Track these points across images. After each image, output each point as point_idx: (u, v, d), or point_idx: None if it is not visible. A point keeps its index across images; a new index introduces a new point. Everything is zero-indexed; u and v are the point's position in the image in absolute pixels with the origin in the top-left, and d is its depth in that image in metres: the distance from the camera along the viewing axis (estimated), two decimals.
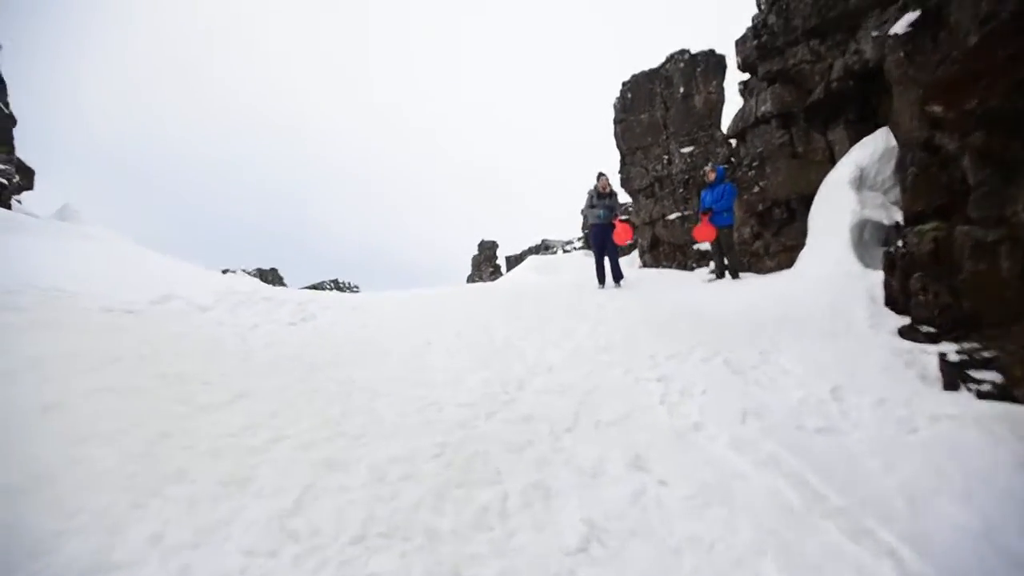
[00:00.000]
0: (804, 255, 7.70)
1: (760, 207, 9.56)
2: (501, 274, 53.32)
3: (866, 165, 7.00)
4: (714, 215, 8.58)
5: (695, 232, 8.84)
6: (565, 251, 43.54)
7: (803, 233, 9.21)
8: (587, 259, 20.68)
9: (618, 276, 8.61)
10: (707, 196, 8.72)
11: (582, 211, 8.89)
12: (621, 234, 8.54)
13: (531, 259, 19.92)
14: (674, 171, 13.67)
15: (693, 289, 8.04)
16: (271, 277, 66.01)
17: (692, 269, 12.72)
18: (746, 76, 10.73)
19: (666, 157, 14.03)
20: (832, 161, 8.92)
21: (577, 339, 5.73)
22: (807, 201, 9.21)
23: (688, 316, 6.33)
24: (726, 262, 8.74)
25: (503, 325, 6.33)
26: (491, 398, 3.76)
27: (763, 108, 9.55)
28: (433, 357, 4.84)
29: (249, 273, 61.84)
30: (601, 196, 8.64)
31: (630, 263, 17.21)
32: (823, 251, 7.01)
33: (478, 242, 58.47)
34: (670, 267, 13.89)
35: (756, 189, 9.54)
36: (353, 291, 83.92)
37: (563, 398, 3.94)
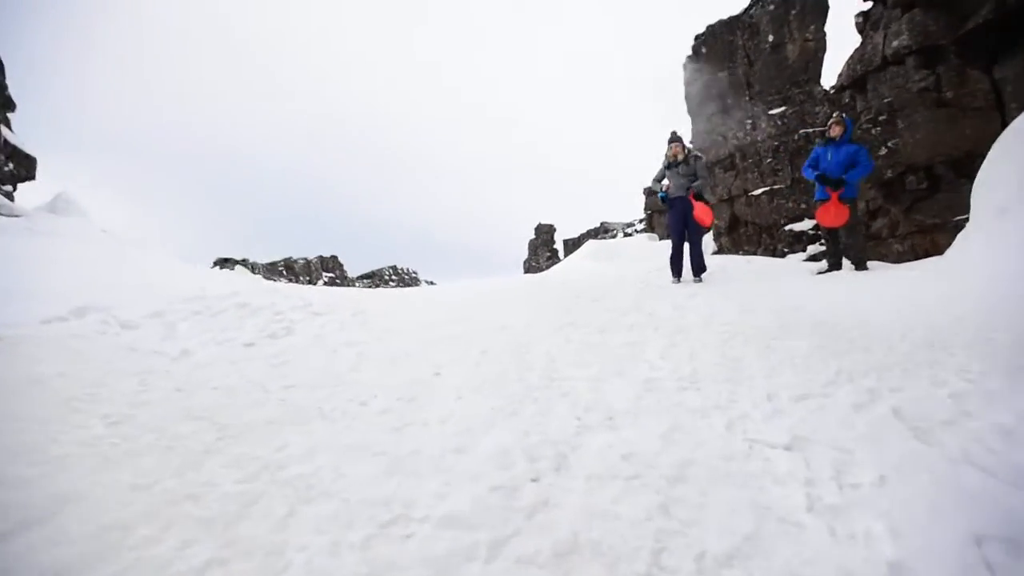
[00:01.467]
0: (967, 239, 5.53)
1: (888, 174, 7.32)
2: (558, 259, 51.58)
3: None
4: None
5: (819, 214, 6.67)
6: (626, 234, 41.14)
7: (950, 208, 6.96)
8: (651, 244, 18.52)
9: (700, 267, 6.73)
10: (827, 159, 6.60)
11: (649, 186, 7.00)
12: (702, 214, 6.65)
13: (589, 244, 18.05)
14: (760, 137, 11.39)
15: (801, 284, 6.04)
16: (332, 264, 67.60)
17: (784, 255, 10.52)
18: (866, 5, 8.39)
19: (750, 121, 11.75)
20: (1000, 108, 6.58)
21: (650, 362, 4.01)
22: (959, 164, 6.92)
23: (809, 326, 4.44)
24: (843, 247, 6.64)
25: (547, 338, 4.69)
26: (507, 497, 2.15)
27: (895, 43, 7.26)
28: (435, 401, 3.27)
29: (310, 261, 63.28)
30: (674, 164, 6.75)
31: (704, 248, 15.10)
32: (1011, 235, 4.86)
33: (535, 225, 56.88)
34: (754, 252, 11.69)
35: (883, 151, 7.30)
36: (412, 277, 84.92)
37: (632, 492, 2.27)
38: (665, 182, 6.78)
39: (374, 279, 77.43)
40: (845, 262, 6.58)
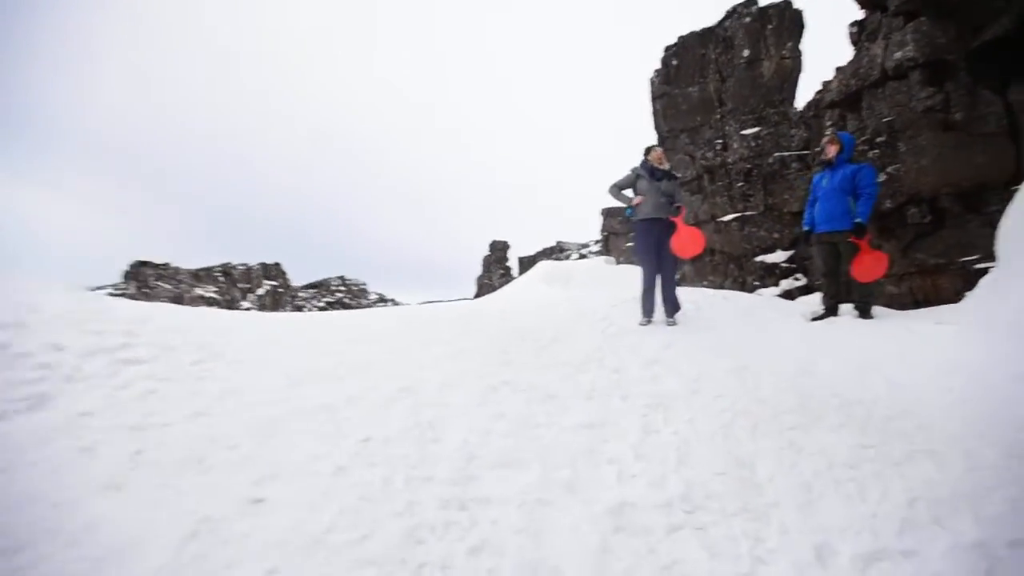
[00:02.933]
0: (998, 288, 4.47)
1: (886, 204, 6.31)
2: (512, 276, 50.35)
3: None
4: (831, 216, 5.33)
5: (857, 267, 5.09)
6: (581, 255, 40.35)
7: (957, 247, 5.98)
8: (608, 268, 17.42)
9: (675, 306, 5.42)
10: (823, 185, 5.47)
11: (614, 190, 5.59)
12: (689, 241, 5.35)
13: (542, 265, 16.76)
14: (731, 159, 10.43)
15: (800, 334, 4.83)
16: (274, 272, 63.97)
17: (753, 289, 9.50)
18: (860, 14, 7.51)
19: (720, 141, 10.81)
20: (1015, 135, 5.67)
21: (618, 465, 2.61)
22: (967, 198, 5.97)
23: (836, 406, 3.16)
24: (845, 289, 5.50)
25: (469, 412, 3.22)
26: None
27: (898, 54, 6.32)
28: None
29: (251, 267, 59.46)
30: (655, 173, 5.42)
31: None
32: None
33: (490, 242, 55.61)
34: (720, 284, 10.66)
35: (881, 178, 6.30)
36: (360, 288, 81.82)
37: None
38: (629, 193, 5.42)
39: (320, 289, 74.01)
40: (843, 306, 5.45)
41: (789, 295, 8.75)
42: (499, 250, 53.92)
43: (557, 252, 48.31)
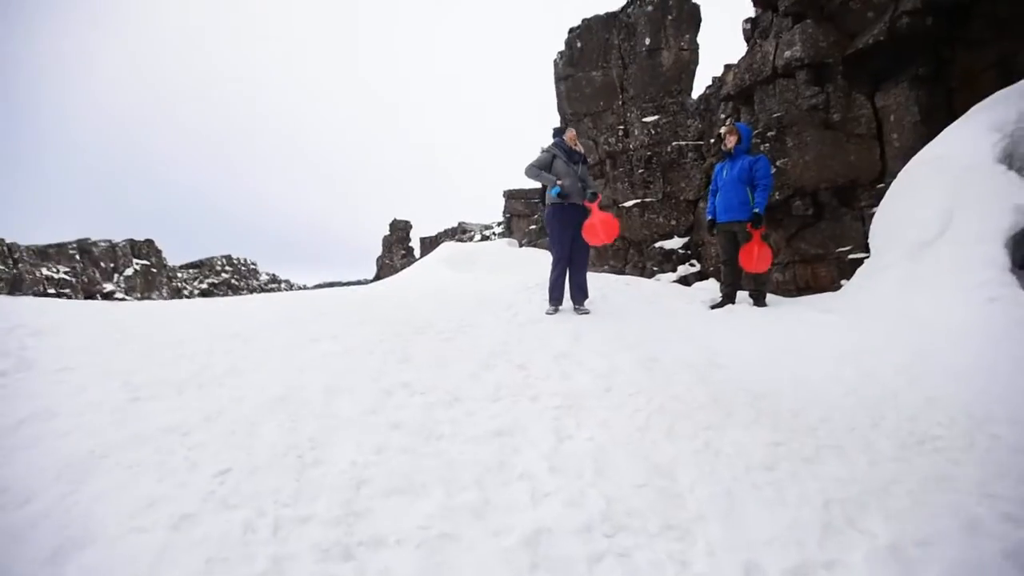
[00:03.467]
0: (874, 278, 4.81)
1: (775, 196, 6.63)
2: (414, 257, 49.09)
3: (1016, 135, 4.14)
4: (730, 206, 5.45)
5: (744, 257, 5.30)
6: (484, 236, 40.18)
7: (833, 239, 6.44)
8: (511, 251, 17.32)
9: (584, 293, 5.27)
10: (723, 176, 5.56)
11: (533, 171, 5.24)
12: (602, 228, 5.18)
13: (445, 247, 16.29)
14: (633, 145, 10.60)
15: (704, 322, 4.88)
16: (146, 249, 57.01)
17: (652, 274, 9.79)
18: (750, 12, 7.79)
19: (622, 128, 10.94)
20: (879, 138, 6.15)
21: (531, 480, 2.34)
22: (842, 193, 6.42)
23: (747, 401, 3.12)
24: (740, 278, 5.68)
25: (359, 421, 2.79)
26: None
27: (787, 53, 6.60)
28: None
29: (116, 244, 52.33)
30: (572, 155, 5.18)
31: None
32: (931, 274, 4.11)
33: (390, 221, 53.72)
34: (621, 269, 10.89)
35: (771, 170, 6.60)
36: (251, 269, 75.76)
37: None
38: (560, 178, 5.13)
39: (202, 269, 67.48)
40: (740, 293, 5.64)
41: (685, 280, 9.09)
42: (400, 230, 52.33)
43: (460, 233, 47.78)
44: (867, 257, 5.41)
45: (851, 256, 6.16)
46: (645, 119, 10.50)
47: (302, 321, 4.66)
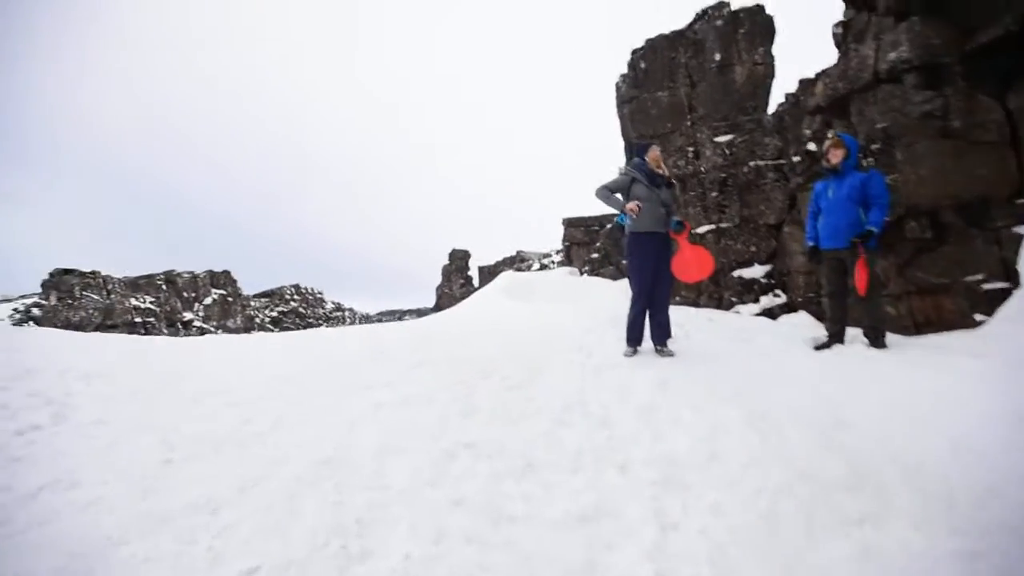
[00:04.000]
0: None
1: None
2: (472, 286, 49.41)
3: None
4: (837, 230, 4.70)
5: (859, 279, 4.50)
6: (543, 265, 39.93)
7: (959, 266, 5.50)
8: (572, 280, 16.76)
9: (666, 332, 4.64)
10: (829, 196, 4.84)
11: (603, 193, 4.66)
12: (695, 263, 4.58)
13: (504, 276, 15.99)
14: (705, 167, 9.91)
15: (810, 366, 4.14)
16: (223, 279, 60.60)
17: (731, 305, 8.95)
18: (841, 14, 7.06)
19: (692, 149, 10.28)
20: (1014, 145, 5.24)
21: None
22: (970, 211, 5.50)
23: (900, 479, 2.42)
24: (848, 314, 4.88)
25: (417, 499, 2.33)
26: None
27: (892, 56, 5.83)
28: None
29: (197, 275, 56.00)
30: (655, 178, 4.63)
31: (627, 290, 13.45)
32: None
33: (449, 251, 54.59)
34: (694, 301, 10.09)
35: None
36: (317, 298, 78.96)
37: None
38: (641, 201, 4.51)
39: (273, 298, 70.85)
40: (850, 331, 4.83)
41: (770, 313, 8.20)
42: (459, 259, 52.96)
43: (518, 262, 47.79)
44: (1013, 287, 4.50)
45: (986, 286, 5.20)
46: (717, 139, 9.81)
47: (356, 364, 4.33)
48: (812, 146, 7.39)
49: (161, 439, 2.63)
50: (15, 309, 38.90)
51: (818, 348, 4.71)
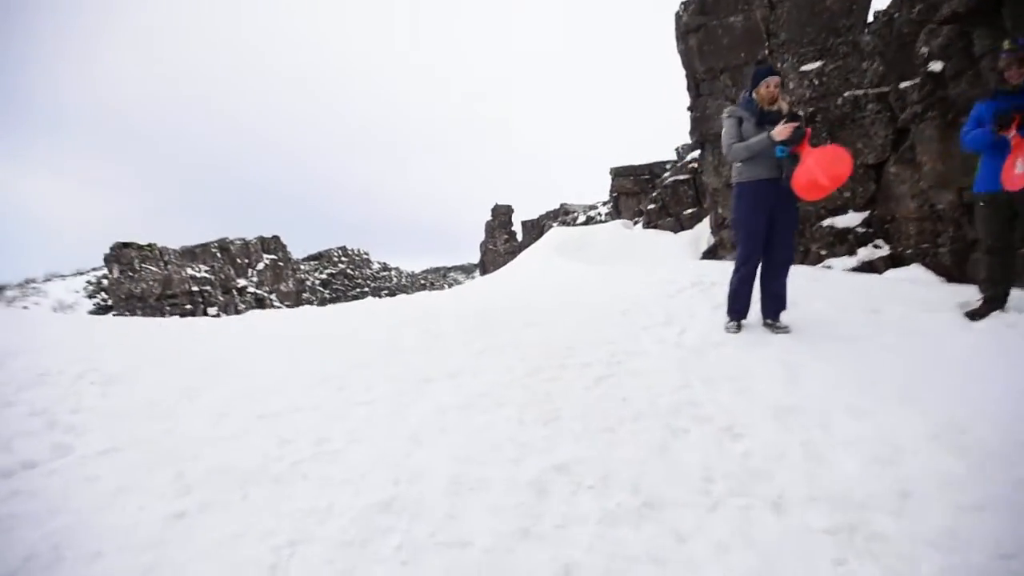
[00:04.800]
0: None
1: None
2: (516, 241, 48.59)
3: None
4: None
5: (1007, 176, 3.47)
6: (589, 218, 38.52)
7: None
8: (626, 234, 15.70)
9: (781, 302, 3.76)
10: (995, 112, 3.73)
11: (742, 150, 3.66)
12: (824, 166, 3.47)
13: (554, 233, 15.15)
14: (788, 100, 8.62)
15: (976, 345, 3.25)
16: (273, 245, 62.06)
17: (820, 259, 7.89)
18: None
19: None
20: None
21: None
22: None
23: None
24: (1014, 273, 3.87)
25: (506, 560, 1.72)
26: None
27: None
28: None
29: (249, 241, 57.52)
30: (766, 116, 3.68)
31: (692, 244, 12.35)
32: None
33: (492, 206, 53.68)
34: None
35: None
36: (364, 258, 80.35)
37: None
38: (756, 138, 3.56)
39: (321, 260, 72.35)
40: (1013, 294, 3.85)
41: (872, 267, 7.14)
42: (502, 214, 52.03)
43: (562, 215, 46.44)
44: None
45: None
46: (804, 67, 8.46)
47: (412, 351, 3.74)
48: (936, 66, 6.09)
49: (176, 475, 2.12)
50: (88, 282, 41.08)
51: (972, 317, 3.77)
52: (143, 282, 29.61)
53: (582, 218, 39.83)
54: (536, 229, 47.65)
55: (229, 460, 2.25)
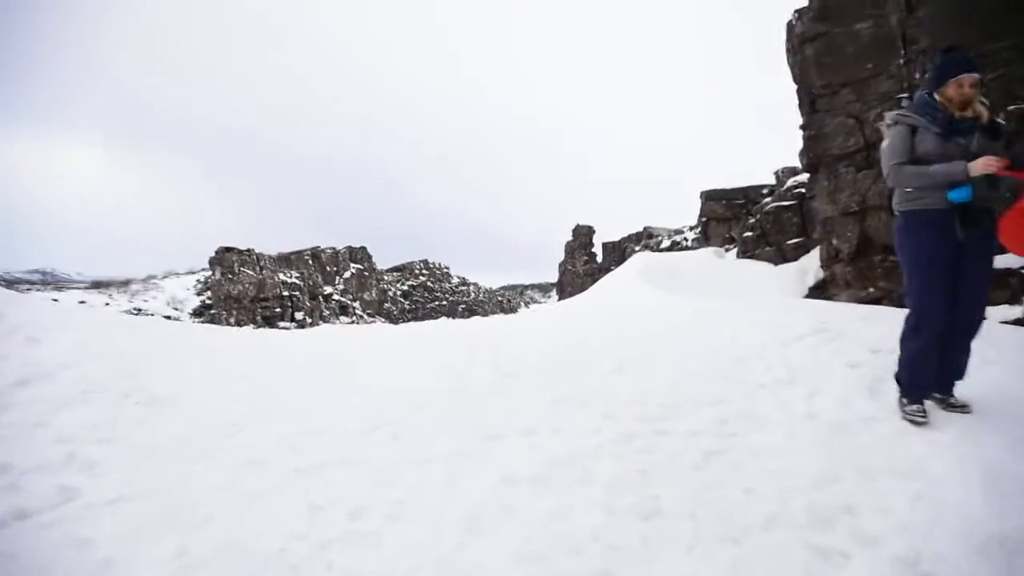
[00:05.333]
0: None
1: None
2: (596, 263, 47.56)
3: None
4: None
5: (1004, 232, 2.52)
6: (675, 243, 36.84)
7: None
8: (717, 263, 14.49)
9: (958, 373, 2.86)
10: None
11: (902, 175, 2.75)
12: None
13: (641, 258, 14.30)
14: None
15: None
16: (360, 255, 65.00)
17: None
18: None
19: (906, 96, 7.77)
20: None
21: None
22: None
23: None
24: None
25: None
26: None
27: None
28: None
29: (338, 251, 60.62)
30: (955, 124, 2.69)
31: (797, 279, 11.05)
32: None
33: (573, 227, 53.07)
34: (889, 294, 7.74)
35: None
36: (444, 272, 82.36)
37: None
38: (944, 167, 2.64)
39: (403, 272, 74.87)
40: None
41: None
42: (583, 235, 51.28)
43: (645, 238, 44.93)
44: None
45: None
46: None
47: (481, 392, 3.23)
48: None
49: (179, 550, 1.72)
50: (198, 280, 45.06)
51: None
52: (240, 284, 31.77)
53: (666, 242, 38.17)
54: (617, 251, 46.37)
55: (246, 534, 1.83)
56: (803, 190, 12.20)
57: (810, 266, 10.84)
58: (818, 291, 10.52)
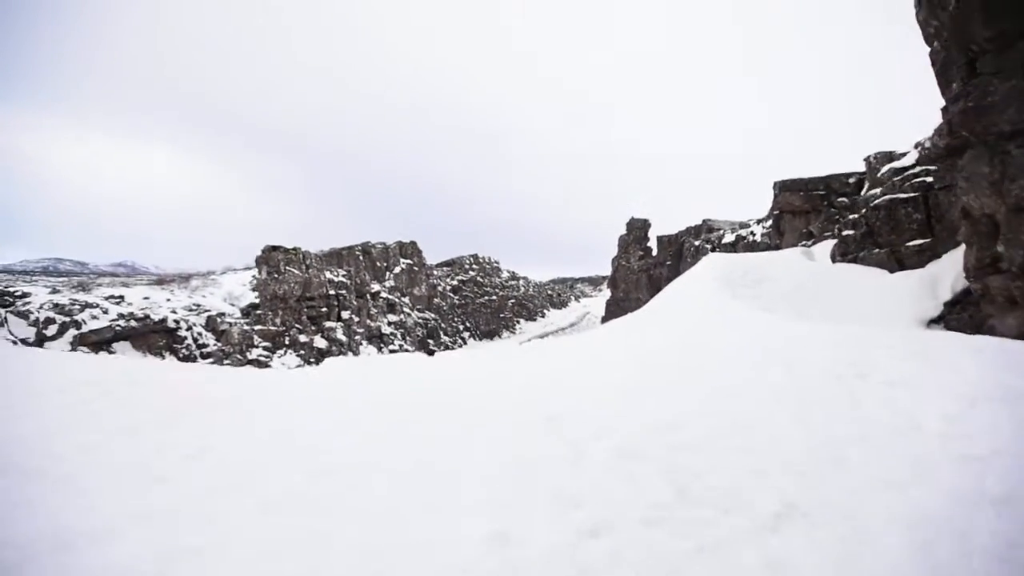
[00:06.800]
0: None
1: None
2: (651, 258, 44.89)
3: None
4: None
5: None
6: (738, 236, 33.79)
7: None
8: (809, 267, 12.22)
9: None
10: None
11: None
12: None
13: (717, 260, 12.21)
14: None
15: None
16: (410, 250, 64.76)
17: None
18: None
19: None
20: None
21: None
22: None
23: None
24: None
25: None
26: None
27: None
28: None
29: (389, 246, 60.44)
30: None
31: (923, 292, 8.78)
32: None
33: (627, 220, 50.46)
34: None
35: None
36: (494, 267, 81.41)
37: None
38: None
39: (453, 267, 74.28)
40: None
41: None
42: (638, 228, 48.69)
43: (704, 232, 41.92)
44: None
45: None
46: None
47: (543, 470, 1.66)
48: None
49: None
50: (253, 276, 45.78)
51: None
52: (285, 283, 31.52)
53: (730, 236, 35.15)
54: (674, 246, 43.51)
55: None
56: (929, 179, 9.84)
57: (943, 275, 8.58)
58: (957, 307, 8.28)
